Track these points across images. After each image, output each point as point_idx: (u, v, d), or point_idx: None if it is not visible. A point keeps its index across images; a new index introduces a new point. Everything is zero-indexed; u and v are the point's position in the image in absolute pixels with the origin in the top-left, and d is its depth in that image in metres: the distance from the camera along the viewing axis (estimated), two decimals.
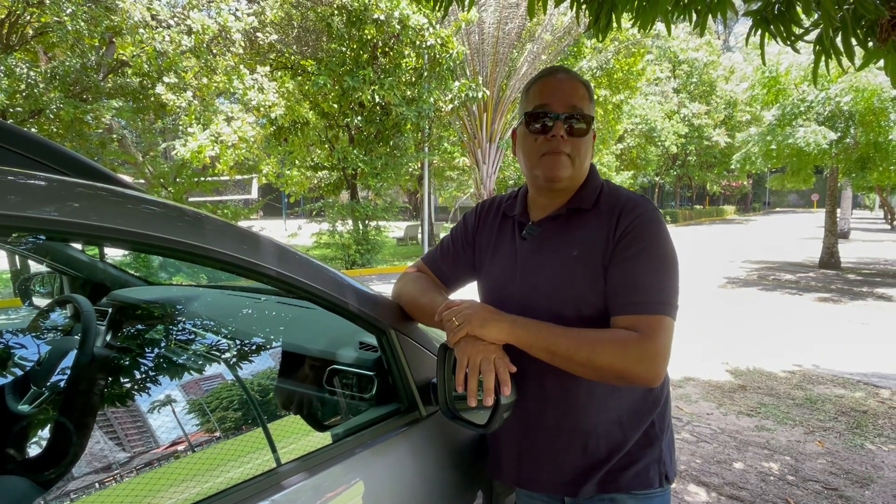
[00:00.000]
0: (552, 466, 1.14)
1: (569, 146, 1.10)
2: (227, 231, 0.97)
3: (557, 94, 1.11)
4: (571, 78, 1.14)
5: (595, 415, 1.12)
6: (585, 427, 1.12)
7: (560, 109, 1.10)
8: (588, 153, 1.15)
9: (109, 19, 8.85)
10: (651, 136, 26.67)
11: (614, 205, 1.12)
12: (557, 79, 1.13)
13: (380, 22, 11.01)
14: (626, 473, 1.12)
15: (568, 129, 1.10)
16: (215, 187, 11.31)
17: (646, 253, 1.06)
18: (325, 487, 1.05)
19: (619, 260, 1.06)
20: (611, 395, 1.12)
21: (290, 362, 1.53)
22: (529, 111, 1.13)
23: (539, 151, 1.12)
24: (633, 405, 1.14)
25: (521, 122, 1.17)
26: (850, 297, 9.26)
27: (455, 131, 16.21)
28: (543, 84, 1.14)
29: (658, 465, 1.15)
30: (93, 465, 1.07)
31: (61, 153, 1.16)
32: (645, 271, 1.05)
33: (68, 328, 1.39)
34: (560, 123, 1.09)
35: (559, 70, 1.15)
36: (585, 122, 1.11)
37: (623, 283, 1.05)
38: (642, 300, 1.03)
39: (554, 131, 1.10)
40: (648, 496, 1.14)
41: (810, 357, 5.66)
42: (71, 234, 0.79)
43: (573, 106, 1.10)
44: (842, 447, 3.57)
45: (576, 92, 1.12)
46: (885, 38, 1.80)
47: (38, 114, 8.71)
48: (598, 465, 1.12)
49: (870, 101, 9.81)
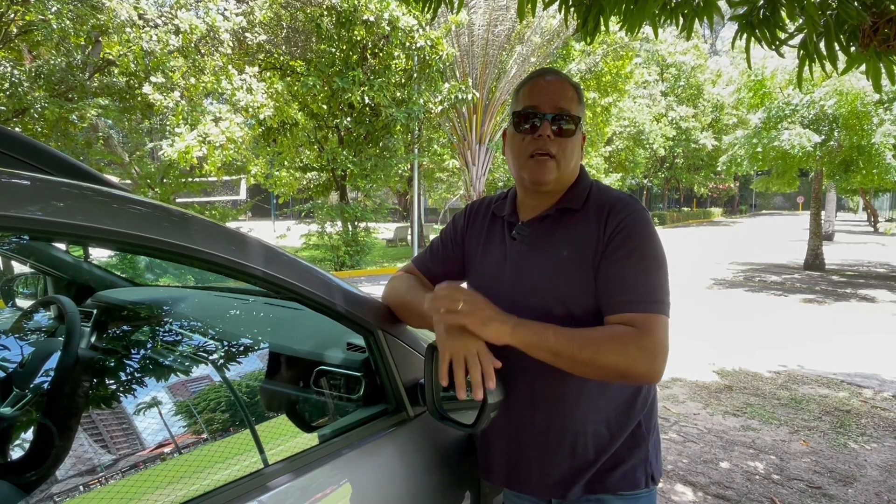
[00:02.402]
0: (541, 468, 1.15)
1: (555, 146, 1.11)
2: (214, 231, 0.97)
3: (546, 95, 1.12)
4: (561, 80, 1.15)
5: (584, 415, 1.12)
6: (574, 427, 1.12)
7: (548, 110, 1.11)
8: (575, 154, 1.15)
9: (95, 18, 8.75)
10: (639, 138, 26.85)
11: (603, 205, 1.13)
12: (547, 80, 1.14)
13: (369, 23, 10.99)
14: (613, 474, 1.13)
15: (556, 129, 1.11)
16: (203, 188, 11.22)
17: (637, 252, 1.07)
18: (312, 488, 1.04)
19: (610, 260, 1.07)
20: (600, 396, 1.12)
21: (277, 363, 1.52)
22: (518, 111, 1.14)
23: (526, 151, 1.13)
24: (621, 405, 1.14)
25: (510, 122, 1.18)
26: (835, 299, 9.39)
27: (445, 133, 16.21)
28: (533, 85, 1.15)
29: (645, 466, 1.15)
30: (77, 468, 1.06)
31: (45, 152, 1.14)
32: (637, 271, 1.06)
33: (52, 330, 1.38)
34: (547, 124, 1.10)
35: (549, 72, 1.17)
36: (573, 123, 1.12)
37: (616, 282, 1.06)
38: (636, 299, 1.04)
39: (541, 131, 1.11)
40: (635, 497, 1.14)
41: (795, 357, 5.73)
42: (55, 233, 0.78)
43: (561, 107, 1.11)
44: (826, 446, 3.62)
45: (564, 93, 1.13)
46: (867, 44, 1.83)
47: (23, 113, 8.59)
48: (587, 467, 1.12)
49: (853, 105, 9.97)
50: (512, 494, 1.28)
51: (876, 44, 1.81)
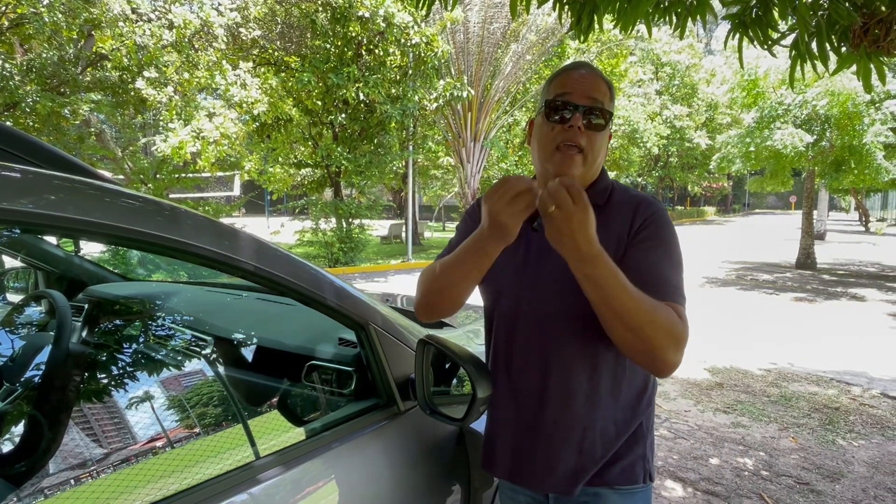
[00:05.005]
0: (546, 463, 1.14)
1: (585, 139, 1.09)
2: (206, 226, 0.97)
3: (579, 86, 1.11)
4: (594, 74, 1.14)
5: (593, 413, 1.12)
6: (583, 425, 1.12)
7: (580, 101, 1.09)
8: (602, 150, 1.14)
9: (88, 11, 8.67)
10: (634, 137, 26.90)
11: (628, 203, 1.13)
12: (581, 73, 1.13)
13: (364, 19, 10.96)
14: (612, 469, 1.13)
15: (587, 122, 1.09)
16: (196, 184, 11.18)
17: (663, 247, 1.08)
18: (304, 482, 1.05)
19: (639, 248, 1.07)
20: (611, 394, 1.13)
21: (269, 358, 1.53)
22: (550, 100, 1.12)
23: (554, 142, 1.11)
24: (628, 404, 1.15)
25: (540, 111, 1.16)
26: (825, 298, 9.47)
27: (440, 130, 16.21)
28: (566, 77, 1.13)
29: (643, 462, 1.16)
30: (68, 462, 1.06)
31: (37, 145, 1.14)
32: (666, 265, 1.07)
33: (43, 324, 1.37)
34: (579, 115, 1.09)
35: (583, 65, 1.16)
36: (604, 119, 1.11)
37: (648, 271, 1.05)
38: (667, 288, 1.04)
39: (572, 122, 1.09)
40: (631, 492, 1.15)
41: (786, 355, 5.78)
42: (47, 227, 0.78)
43: (594, 98, 1.10)
44: (814, 443, 3.65)
45: (598, 87, 1.11)
46: (858, 44, 1.84)
47: (14, 107, 8.51)
48: (591, 464, 1.13)
49: (844, 105, 10.04)
50: (508, 489, 1.27)
51: (866, 44, 1.83)
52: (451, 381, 1.44)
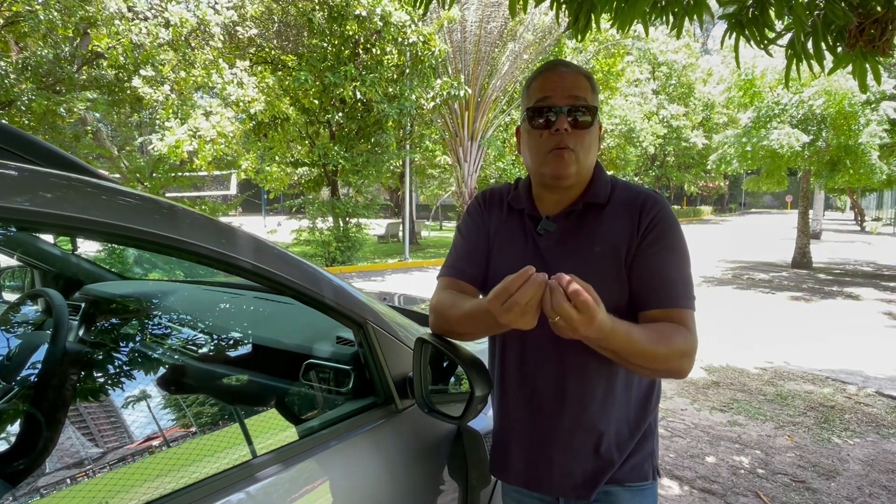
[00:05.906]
0: (562, 468, 1.14)
1: (573, 139, 1.07)
2: (204, 224, 0.97)
3: (559, 87, 1.08)
4: (572, 70, 1.11)
5: (609, 414, 1.12)
6: (599, 427, 1.12)
7: (562, 102, 1.07)
8: (594, 145, 1.12)
9: (84, 9, 8.63)
10: (630, 136, 26.93)
11: (632, 200, 1.12)
12: (558, 72, 1.10)
13: (361, 18, 10.93)
14: (623, 467, 1.14)
15: (572, 121, 1.07)
16: (193, 183, 11.15)
17: (672, 248, 1.08)
18: (301, 480, 1.05)
19: (647, 254, 1.07)
20: (624, 394, 1.13)
21: (267, 357, 1.52)
22: (531, 106, 1.10)
23: (545, 148, 1.09)
24: (639, 403, 1.15)
25: (524, 118, 1.13)
26: (821, 297, 9.50)
27: (437, 129, 16.19)
28: (544, 79, 1.11)
29: (651, 459, 1.17)
30: (64, 461, 1.05)
31: (33, 143, 1.13)
32: (674, 266, 1.07)
33: (39, 323, 1.37)
34: (563, 117, 1.06)
35: (559, 63, 1.13)
36: (589, 114, 1.08)
37: (657, 277, 1.06)
38: (675, 294, 1.04)
39: (557, 125, 1.06)
40: (641, 489, 1.16)
41: (781, 354, 5.80)
42: (44, 225, 0.77)
43: (575, 97, 1.07)
44: (810, 441, 3.67)
45: (577, 84, 1.09)
46: (854, 44, 1.85)
47: (9, 105, 8.47)
48: (609, 467, 1.13)
49: (840, 105, 10.07)
50: (512, 490, 1.26)
51: (862, 44, 1.83)
52: (449, 380, 1.44)
